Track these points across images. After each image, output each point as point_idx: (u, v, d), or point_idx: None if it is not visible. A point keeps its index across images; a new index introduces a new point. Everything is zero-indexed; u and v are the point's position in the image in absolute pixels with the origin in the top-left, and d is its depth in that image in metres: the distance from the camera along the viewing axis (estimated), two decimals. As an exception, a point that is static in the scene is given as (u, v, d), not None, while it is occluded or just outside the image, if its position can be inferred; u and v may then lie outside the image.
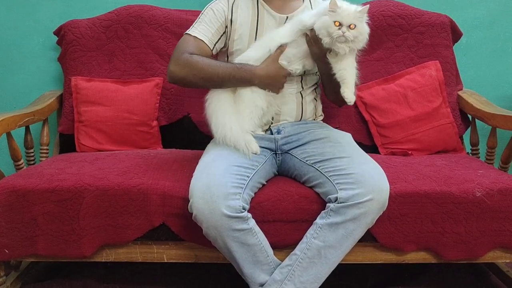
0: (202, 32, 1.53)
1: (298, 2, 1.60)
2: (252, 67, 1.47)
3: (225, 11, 1.54)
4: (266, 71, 1.47)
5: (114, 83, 1.89)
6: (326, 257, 1.30)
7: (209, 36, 1.53)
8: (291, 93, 1.55)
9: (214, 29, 1.53)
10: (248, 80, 1.47)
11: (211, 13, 1.54)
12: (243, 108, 1.48)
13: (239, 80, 1.47)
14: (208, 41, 1.53)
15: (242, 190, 1.31)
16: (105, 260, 1.49)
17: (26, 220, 1.43)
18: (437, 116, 1.83)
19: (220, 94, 1.50)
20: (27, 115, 1.72)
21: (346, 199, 1.29)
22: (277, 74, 1.48)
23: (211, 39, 1.53)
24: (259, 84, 1.47)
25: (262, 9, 1.55)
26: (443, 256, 1.45)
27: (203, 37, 1.52)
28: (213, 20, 1.53)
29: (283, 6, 1.56)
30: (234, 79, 1.47)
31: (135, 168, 1.54)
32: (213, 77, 1.46)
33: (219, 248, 1.33)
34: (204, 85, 1.51)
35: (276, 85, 1.49)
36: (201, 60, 1.47)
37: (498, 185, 1.43)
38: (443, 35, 1.94)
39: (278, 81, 1.49)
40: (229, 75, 1.46)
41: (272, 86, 1.49)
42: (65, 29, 1.95)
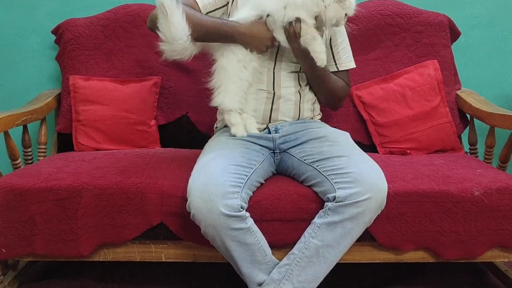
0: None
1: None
2: (236, 24, 1.45)
3: None
4: (250, 29, 1.44)
5: (112, 82, 1.89)
6: (324, 256, 1.30)
7: (205, 2, 1.52)
8: (289, 93, 1.55)
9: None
10: (230, 35, 1.44)
11: None
12: (229, 83, 1.46)
13: (223, 35, 1.44)
14: (202, 6, 1.51)
15: (240, 189, 1.31)
16: (103, 259, 1.48)
17: (23, 219, 1.43)
18: (435, 116, 1.83)
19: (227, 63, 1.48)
20: (25, 114, 1.71)
21: (344, 198, 1.28)
22: (260, 34, 1.45)
23: (206, 5, 1.52)
24: (241, 42, 1.45)
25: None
26: (441, 255, 1.45)
27: (199, 1, 1.51)
28: None
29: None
30: (218, 34, 1.44)
31: (133, 167, 1.53)
32: (197, 27, 1.42)
33: (217, 247, 1.33)
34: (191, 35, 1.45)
35: (258, 46, 1.47)
36: (188, 9, 1.43)
37: (497, 184, 1.43)
38: (441, 34, 1.93)
39: (261, 42, 1.46)
40: (213, 28, 1.44)
41: (255, 47, 1.47)
42: (63, 28, 1.95)
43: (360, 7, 1.94)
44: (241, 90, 1.47)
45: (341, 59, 1.62)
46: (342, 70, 1.62)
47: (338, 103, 1.66)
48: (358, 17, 1.93)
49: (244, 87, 1.47)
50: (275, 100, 1.54)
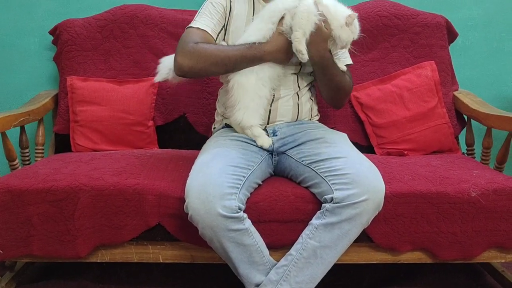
0: (204, 23, 1.52)
1: None
2: (260, 45, 1.45)
3: (222, 3, 1.55)
4: (275, 45, 1.45)
5: (110, 82, 1.89)
6: (322, 257, 1.30)
7: (212, 26, 1.52)
8: (288, 94, 1.55)
9: (215, 20, 1.53)
10: (259, 57, 1.45)
11: (211, 5, 1.54)
12: (248, 101, 1.47)
13: (251, 59, 1.45)
14: (211, 31, 1.52)
15: (238, 190, 1.31)
16: (100, 260, 1.48)
17: (21, 220, 1.42)
18: (432, 117, 1.84)
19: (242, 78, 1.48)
20: (22, 115, 1.71)
21: (342, 199, 1.29)
22: (285, 46, 1.45)
23: (214, 29, 1.53)
24: (270, 60, 1.46)
25: (258, 3, 1.55)
26: (438, 256, 1.45)
27: (206, 28, 1.51)
28: (213, 12, 1.53)
29: None
30: (246, 59, 1.44)
31: (131, 168, 1.53)
32: (224, 61, 1.44)
33: (215, 248, 1.33)
34: (216, 70, 1.49)
35: (286, 58, 1.48)
36: (208, 46, 1.46)
37: (493, 185, 1.44)
38: (438, 35, 1.94)
39: (288, 53, 1.46)
40: (241, 56, 1.44)
41: (284, 59, 1.48)
42: (60, 29, 1.94)
43: (357, 8, 1.98)
44: (261, 107, 1.48)
45: (338, 54, 1.59)
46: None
47: (344, 99, 1.62)
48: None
49: (263, 104, 1.49)
50: (273, 101, 1.54)
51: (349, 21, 1.42)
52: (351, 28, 1.44)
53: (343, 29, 1.43)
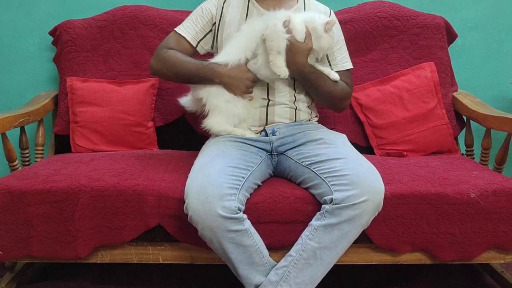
0: (186, 29, 1.59)
1: (291, 2, 1.59)
2: (215, 66, 1.50)
3: (212, 10, 1.59)
4: (229, 71, 1.49)
5: (110, 83, 1.89)
6: (322, 258, 1.30)
7: (193, 33, 1.59)
8: (285, 98, 1.55)
9: (199, 27, 1.59)
10: (209, 78, 1.50)
11: (200, 11, 1.60)
12: (220, 108, 1.52)
13: (203, 77, 1.51)
14: (191, 38, 1.59)
15: (237, 191, 1.31)
16: (100, 261, 1.48)
17: (20, 221, 1.42)
18: (432, 117, 1.84)
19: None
20: (22, 115, 1.71)
21: (341, 201, 1.29)
22: (240, 75, 1.49)
23: (194, 36, 1.59)
24: (220, 83, 1.50)
25: (253, 7, 1.55)
26: (437, 257, 1.45)
27: (186, 34, 1.58)
28: (199, 18, 1.59)
29: (275, 7, 1.53)
30: (198, 76, 1.52)
31: (131, 169, 1.53)
32: (181, 72, 1.54)
33: (214, 249, 1.33)
34: (175, 79, 1.60)
35: (238, 87, 1.50)
36: (174, 55, 1.55)
37: (493, 186, 1.44)
38: (438, 36, 1.94)
39: (241, 83, 1.49)
40: (195, 71, 1.52)
41: (235, 88, 1.50)
42: (60, 30, 1.94)
43: (357, 9, 1.98)
44: (233, 116, 1.52)
45: (336, 60, 1.61)
46: (337, 71, 1.59)
47: (340, 105, 1.63)
48: (356, 19, 1.95)
49: (236, 112, 1.52)
50: (270, 105, 1.55)
51: (328, 28, 1.45)
52: (329, 33, 1.46)
53: (322, 38, 1.46)
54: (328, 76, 1.53)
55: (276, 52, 1.44)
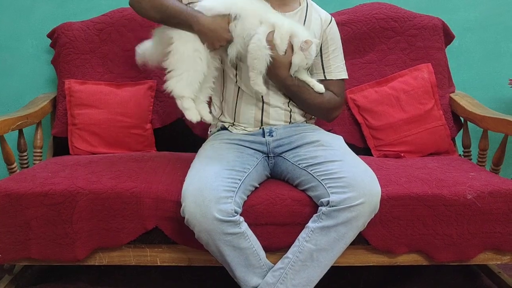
0: None
1: (295, 4, 1.58)
2: (198, 13, 1.44)
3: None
4: (210, 23, 1.43)
5: (108, 85, 1.90)
6: (318, 260, 1.31)
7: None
8: (279, 101, 1.55)
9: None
10: (189, 24, 1.43)
11: None
12: (182, 71, 1.43)
13: (182, 20, 1.43)
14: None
15: (234, 194, 1.31)
16: (98, 263, 1.49)
17: (19, 224, 1.43)
18: (429, 119, 1.84)
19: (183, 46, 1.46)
20: (20, 118, 1.72)
21: (338, 203, 1.29)
22: (219, 30, 1.43)
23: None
24: (197, 32, 1.43)
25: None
26: (434, 258, 1.46)
27: None
28: None
29: (279, 4, 1.54)
30: (178, 18, 1.43)
31: (129, 171, 1.54)
32: (162, 8, 1.44)
33: (211, 252, 1.34)
34: (153, 15, 1.47)
35: (213, 41, 1.44)
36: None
37: (489, 187, 1.44)
38: (435, 37, 1.95)
39: (217, 38, 1.44)
40: (175, 11, 1.43)
41: (209, 41, 1.44)
42: (58, 32, 1.95)
43: (354, 10, 1.99)
44: (196, 80, 1.44)
45: (330, 68, 1.59)
46: (330, 79, 1.59)
47: (328, 115, 1.62)
48: (353, 20, 1.95)
49: (199, 78, 1.44)
50: (264, 107, 1.54)
51: (303, 47, 1.43)
52: (305, 53, 1.44)
53: (296, 54, 1.44)
54: (313, 88, 1.52)
55: (258, 72, 1.44)
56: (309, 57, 1.46)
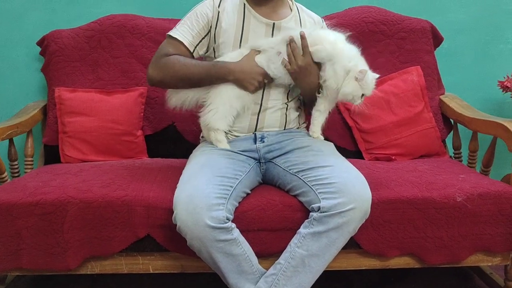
0: (182, 34, 1.53)
1: (286, 11, 1.59)
2: (226, 63, 1.48)
3: (208, 14, 1.53)
4: (241, 66, 1.47)
5: (98, 93, 1.89)
6: (310, 265, 1.31)
7: (190, 38, 1.53)
8: (276, 105, 1.56)
9: (195, 31, 1.53)
10: (223, 75, 1.47)
11: (194, 15, 1.54)
12: (220, 104, 1.49)
13: (215, 76, 1.47)
14: (188, 43, 1.53)
15: (225, 201, 1.31)
16: (90, 272, 1.48)
17: (10, 234, 1.42)
18: (419, 121, 1.85)
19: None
20: (10, 127, 1.71)
21: (329, 209, 1.29)
22: (251, 70, 1.47)
23: (191, 41, 1.53)
24: (234, 80, 1.47)
25: (249, 14, 1.54)
26: (426, 260, 1.47)
27: (183, 39, 1.52)
28: (194, 23, 1.54)
29: (270, 14, 1.55)
30: (210, 76, 1.47)
31: (120, 179, 1.54)
32: (189, 76, 1.48)
33: (203, 259, 1.33)
34: (183, 85, 1.52)
35: (250, 81, 1.48)
36: (177, 61, 1.49)
37: (479, 189, 1.45)
38: (424, 40, 1.96)
39: (253, 78, 1.48)
40: (206, 72, 1.47)
41: (247, 83, 1.48)
42: (48, 40, 1.94)
43: (344, 14, 1.99)
44: (230, 115, 1.50)
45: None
46: None
47: None
48: (342, 24, 1.95)
49: (233, 113, 1.51)
50: (261, 111, 1.55)
51: (359, 77, 1.42)
52: (361, 83, 1.42)
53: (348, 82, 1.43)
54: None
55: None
56: (365, 87, 1.44)
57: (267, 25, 1.55)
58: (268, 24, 1.55)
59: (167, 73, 1.49)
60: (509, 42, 2.13)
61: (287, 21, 1.56)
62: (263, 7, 1.55)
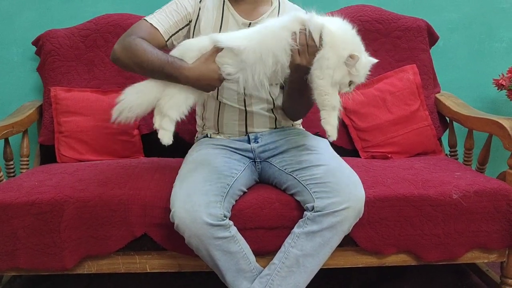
0: (159, 21, 1.46)
1: (266, 7, 1.54)
2: (182, 64, 1.33)
3: (188, 7, 1.49)
4: (198, 72, 1.32)
5: (94, 92, 1.89)
6: (304, 265, 1.31)
7: (166, 26, 1.46)
8: (262, 109, 1.53)
9: (173, 20, 1.47)
10: (175, 77, 1.33)
11: (174, 5, 1.49)
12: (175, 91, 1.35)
13: (167, 75, 1.34)
14: (164, 31, 1.45)
15: (223, 198, 1.32)
16: (87, 272, 1.48)
17: (6, 234, 1.42)
18: (415, 119, 1.86)
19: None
20: (6, 127, 1.70)
21: (323, 208, 1.30)
22: (207, 75, 1.32)
23: (167, 29, 1.46)
24: (186, 84, 1.33)
25: (228, 12, 1.51)
26: (422, 258, 1.47)
27: (159, 26, 1.45)
28: (173, 13, 1.48)
29: (251, 12, 1.51)
30: (162, 73, 1.34)
31: (116, 178, 1.53)
32: (144, 64, 1.36)
33: (201, 256, 1.33)
34: (138, 71, 1.41)
35: (205, 87, 1.36)
36: (140, 45, 1.37)
37: (474, 186, 1.46)
38: (419, 39, 1.97)
39: (208, 84, 1.34)
40: (159, 67, 1.34)
41: (202, 88, 1.36)
42: (43, 39, 1.94)
43: (339, 13, 1.99)
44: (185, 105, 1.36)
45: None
46: None
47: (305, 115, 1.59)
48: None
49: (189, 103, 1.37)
50: (248, 116, 1.54)
51: (349, 63, 1.22)
52: (351, 70, 1.23)
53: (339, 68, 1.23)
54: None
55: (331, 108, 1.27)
56: (355, 74, 1.24)
57: (244, 25, 1.48)
58: (244, 24, 1.48)
59: (127, 54, 1.38)
60: (504, 40, 2.14)
61: (264, 19, 1.48)
62: (243, 4, 1.50)
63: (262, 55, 1.27)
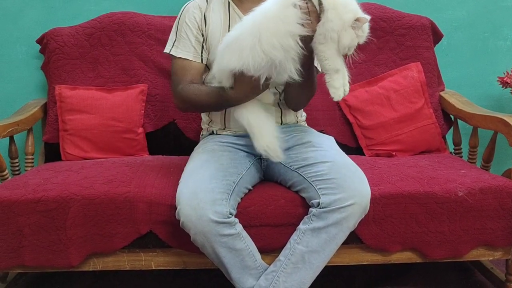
0: (185, 49, 1.49)
1: None
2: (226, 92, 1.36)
3: (196, 18, 1.50)
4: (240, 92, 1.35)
5: (99, 90, 1.89)
6: (310, 262, 1.31)
7: (192, 51, 1.49)
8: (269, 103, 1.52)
9: (193, 40, 1.49)
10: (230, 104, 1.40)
11: (185, 26, 1.50)
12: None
13: (227, 106, 1.44)
14: (193, 57, 1.49)
15: (228, 196, 1.32)
16: (92, 269, 1.48)
17: (12, 231, 1.42)
18: (419, 117, 1.86)
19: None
20: (11, 125, 1.71)
21: (328, 204, 1.30)
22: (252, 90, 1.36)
23: (195, 53, 1.50)
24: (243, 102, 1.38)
25: (234, 13, 1.51)
26: (428, 255, 1.47)
27: (188, 56, 1.49)
28: (188, 33, 1.50)
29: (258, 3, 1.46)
30: (223, 106, 1.45)
31: (121, 176, 1.53)
32: (205, 107, 1.50)
33: (207, 254, 1.34)
34: (207, 110, 1.58)
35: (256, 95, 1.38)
36: (192, 92, 1.44)
37: (479, 184, 1.46)
38: (424, 37, 1.96)
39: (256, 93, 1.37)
40: (216, 104, 1.43)
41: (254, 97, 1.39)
42: (47, 38, 1.94)
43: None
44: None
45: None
46: None
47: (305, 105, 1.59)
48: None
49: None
50: None
51: (357, 26, 1.24)
52: (357, 32, 1.25)
53: (346, 32, 1.24)
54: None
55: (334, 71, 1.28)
56: (361, 35, 1.26)
57: None
58: None
59: (190, 104, 1.47)
60: (508, 38, 2.14)
61: None
62: (246, 3, 1.49)
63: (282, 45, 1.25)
